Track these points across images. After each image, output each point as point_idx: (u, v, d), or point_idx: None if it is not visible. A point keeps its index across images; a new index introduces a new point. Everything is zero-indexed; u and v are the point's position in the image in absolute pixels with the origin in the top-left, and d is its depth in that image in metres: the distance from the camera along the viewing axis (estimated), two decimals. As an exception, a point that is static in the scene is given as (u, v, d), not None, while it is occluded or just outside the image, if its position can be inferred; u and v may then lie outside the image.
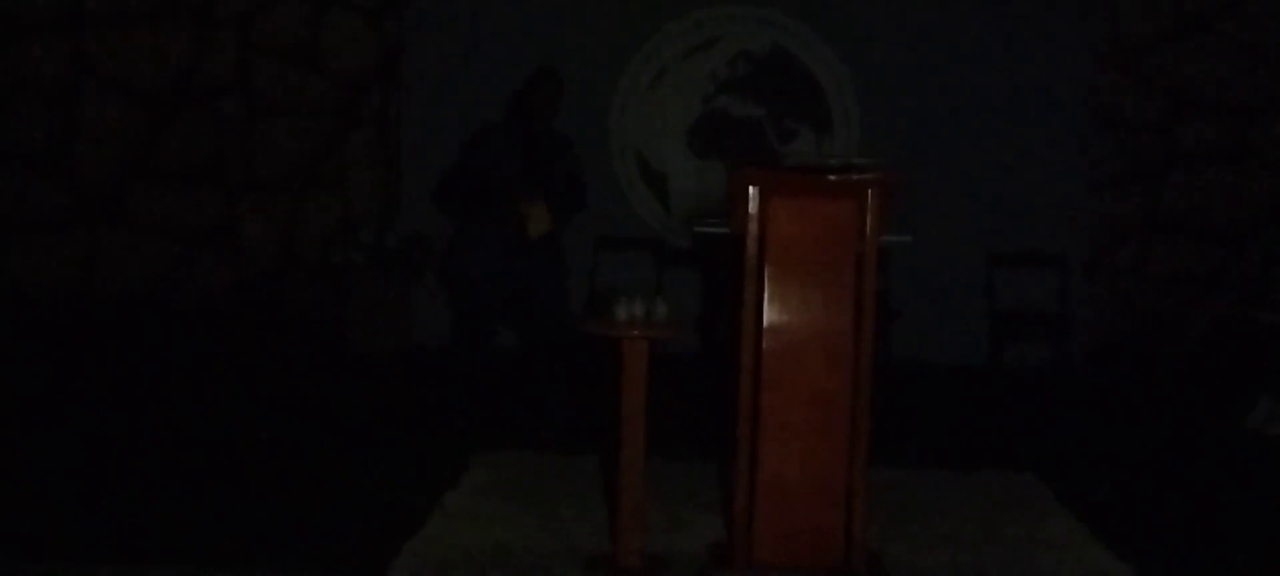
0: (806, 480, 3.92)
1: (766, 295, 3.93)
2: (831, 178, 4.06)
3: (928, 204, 7.18)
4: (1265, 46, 7.98)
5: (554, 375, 5.83)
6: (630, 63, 7.99)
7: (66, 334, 7.82)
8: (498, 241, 5.65)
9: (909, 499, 4.89)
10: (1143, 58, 8.06)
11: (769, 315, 3.93)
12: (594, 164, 7.79)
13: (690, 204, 7.88)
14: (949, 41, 7.88)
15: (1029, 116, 7.86)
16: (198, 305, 8.25)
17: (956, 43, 7.88)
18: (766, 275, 3.93)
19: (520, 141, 5.70)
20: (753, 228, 3.93)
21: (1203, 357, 7.83)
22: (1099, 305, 8.11)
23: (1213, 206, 8.07)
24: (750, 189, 3.94)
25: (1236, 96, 8.01)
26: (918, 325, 7.59)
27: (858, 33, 7.93)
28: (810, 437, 3.92)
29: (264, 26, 8.21)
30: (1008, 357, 7.64)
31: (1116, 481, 5.34)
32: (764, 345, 3.92)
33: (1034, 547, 4.40)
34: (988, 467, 5.41)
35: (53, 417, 5.83)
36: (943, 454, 5.65)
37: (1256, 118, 8.01)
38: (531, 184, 5.64)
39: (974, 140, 7.86)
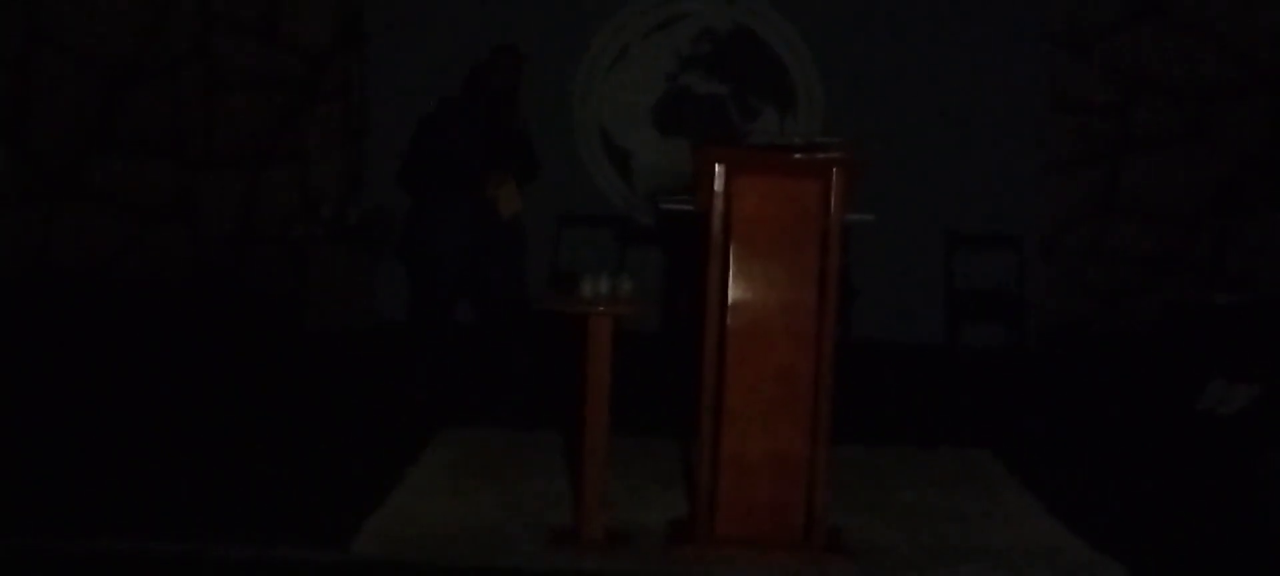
0: (768, 456, 3.95)
1: (731, 273, 3.95)
2: (797, 156, 4.09)
3: (888, 184, 7.23)
4: (1221, 30, 8.08)
5: (513, 348, 5.85)
6: (594, 39, 7.99)
7: (21, 307, 7.73)
8: (461, 217, 5.65)
9: (868, 475, 4.95)
10: (1100, 40, 8.14)
11: (733, 292, 3.95)
12: (557, 140, 7.82)
13: (653, 181, 7.90)
14: (910, 23, 7.94)
15: (988, 99, 7.93)
16: (156, 279, 8.17)
17: (918, 25, 7.94)
18: (731, 253, 3.96)
19: (482, 119, 5.70)
20: (718, 205, 3.96)
21: (1156, 338, 7.94)
22: (1054, 286, 8.21)
23: (1168, 189, 8.18)
24: (716, 167, 3.96)
25: (1192, 80, 8.11)
26: (877, 304, 7.66)
27: (821, 13, 7.97)
28: (773, 414, 3.96)
29: (223, -2, 8.14)
30: (964, 337, 7.73)
31: (1070, 459, 5.43)
32: (728, 322, 3.95)
33: (990, 523, 4.47)
34: (945, 445, 5.48)
35: (6, 393, 5.77)
36: (901, 431, 5.72)
37: (1212, 101, 8.12)
38: (498, 163, 5.64)
39: (934, 121, 7.93)
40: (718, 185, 3.96)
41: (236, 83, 8.17)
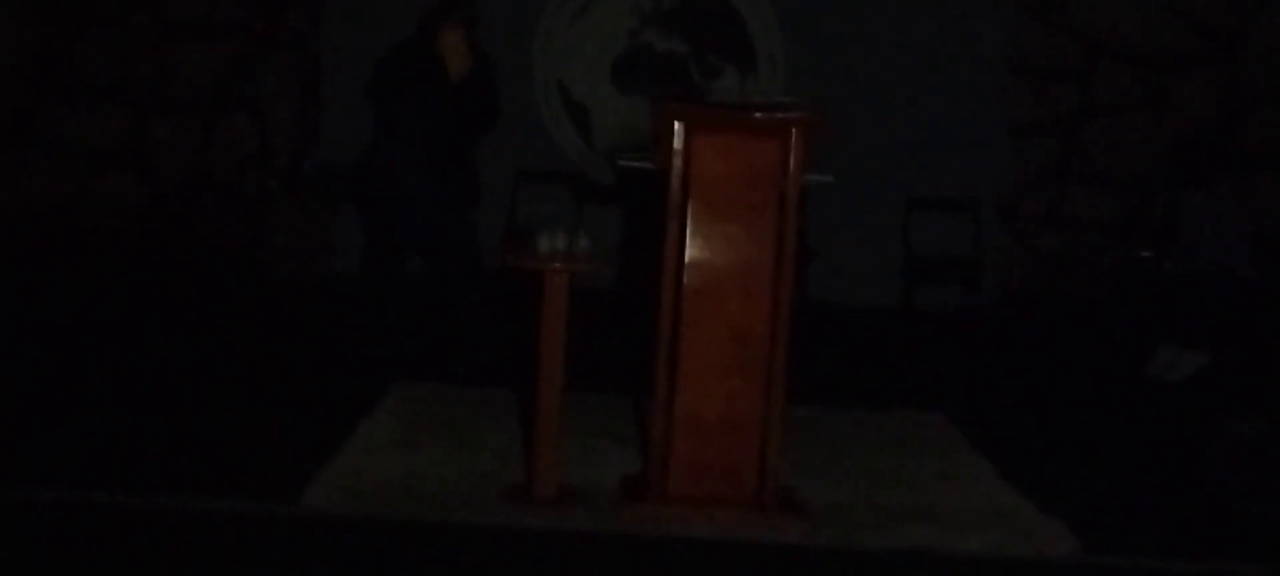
0: (723, 416, 3.95)
1: (689, 231, 3.94)
2: (757, 116, 4.07)
3: (848, 146, 7.23)
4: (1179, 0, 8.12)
5: (465, 303, 5.82)
6: (555, -8, 7.92)
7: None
8: (414, 161, 5.60)
9: (822, 436, 4.96)
10: (1061, 6, 8.16)
11: (690, 251, 3.94)
12: (516, 94, 7.73)
13: (612, 138, 7.86)
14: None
15: (949, 62, 7.94)
16: (107, 227, 8.05)
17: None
18: (689, 211, 3.93)
19: (435, 70, 5.64)
20: (677, 163, 3.93)
21: (1108, 305, 8.01)
22: (1011, 251, 8.25)
23: (1126, 156, 8.23)
24: (676, 124, 3.93)
25: (1152, 47, 8.15)
26: (833, 265, 7.67)
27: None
28: (728, 374, 3.95)
29: (179, -58, 7.99)
30: (920, 300, 7.76)
31: (1021, 422, 5.47)
32: (685, 281, 3.94)
33: (942, 484, 4.50)
34: (899, 407, 5.50)
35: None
36: (855, 393, 5.74)
37: (1171, 69, 8.17)
38: (451, 113, 5.60)
39: (895, 84, 7.93)
40: (677, 143, 3.93)
41: (190, 29, 8.02)
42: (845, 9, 7.90)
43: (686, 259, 3.94)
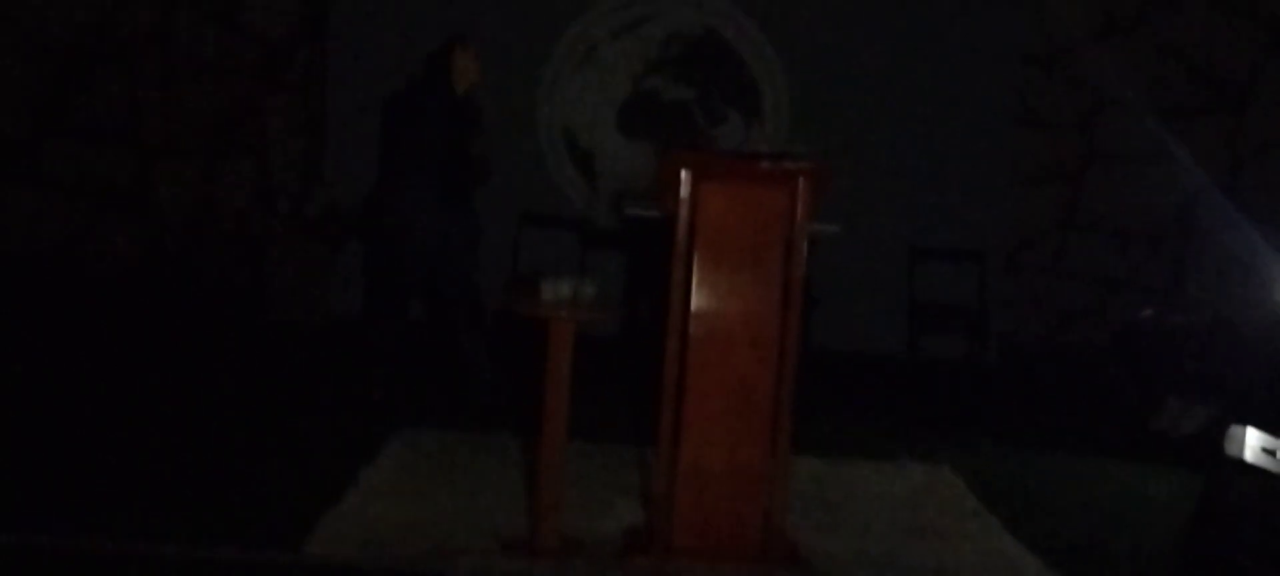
0: (727, 467, 3.91)
1: (694, 280, 3.91)
2: (764, 165, 4.05)
3: (852, 195, 7.21)
4: (1186, 50, 8.13)
5: (467, 348, 5.79)
6: (561, 38, 7.92)
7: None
8: (427, 196, 5.60)
9: (826, 488, 4.92)
10: (1066, 57, 8.17)
11: (696, 300, 3.91)
12: (521, 140, 7.75)
13: (617, 184, 7.84)
14: (880, 34, 7.93)
15: (955, 111, 7.93)
16: (110, 268, 8.03)
17: (887, 36, 7.93)
18: (695, 260, 3.91)
19: (445, 110, 5.66)
20: (683, 212, 3.91)
21: (1113, 357, 7.97)
22: (1015, 301, 8.23)
23: (1129, 207, 8.22)
24: (682, 173, 3.92)
25: (1156, 98, 8.16)
26: (838, 315, 7.63)
27: (790, 19, 7.94)
28: (733, 425, 3.92)
29: (186, -17, 8.02)
30: (925, 349, 7.72)
31: (1027, 474, 5.42)
32: (690, 330, 3.91)
33: (948, 538, 4.45)
34: (904, 458, 5.46)
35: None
36: (860, 443, 5.69)
37: (1175, 120, 8.16)
38: (460, 154, 5.62)
39: (900, 133, 7.92)
40: (684, 191, 3.92)
41: (196, 69, 8.04)
42: (851, 56, 7.91)
43: (692, 308, 3.91)
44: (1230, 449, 4.51)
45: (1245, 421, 5.06)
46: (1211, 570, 4.35)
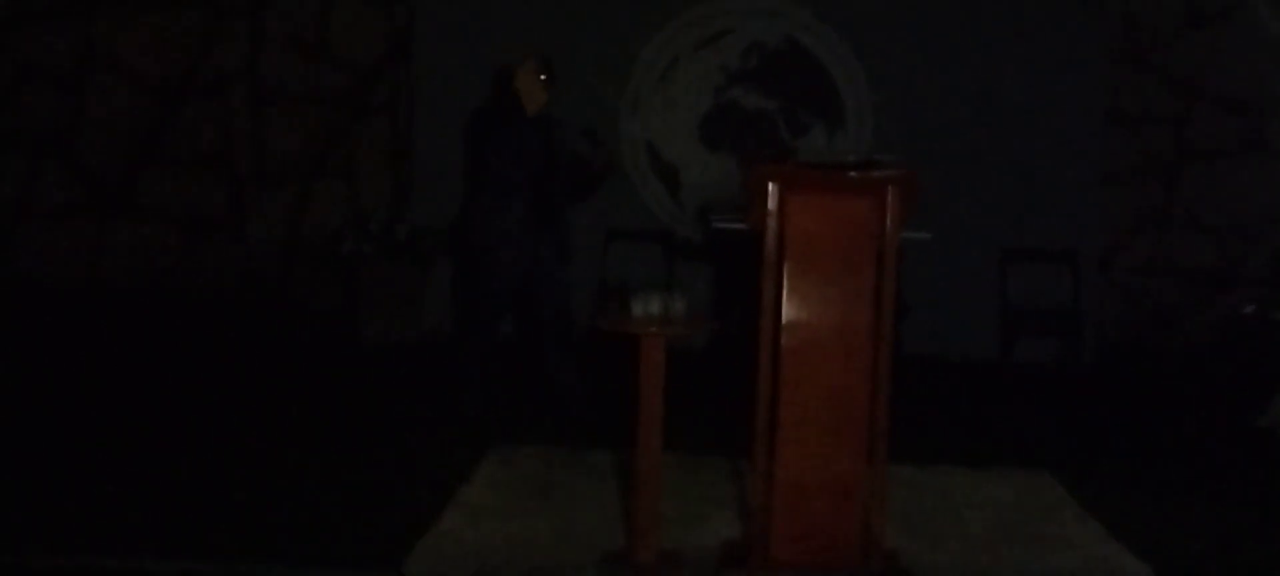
0: (824, 479, 3.89)
1: (785, 292, 3.90)
2: (852, 175, 4.03)
3: (940, 200, 7.13)
4: (1277, 41, 7.93)
5: (562, 364, 5.82)
6: (642, 53, 7.95)
7: (73, 323, 7.79)
8: (521, 212, 5.65)
9: (924, 496, 4.87)
10: (1155, 52, 8.02)
11: (788, 312, 3.90)
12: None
13: (701, 196, 7.84)
14: (962, 36, 7.84)
15: (1042, 112, 7.81)
16: (205, 295, 8.21)
17: (969, 37, 7.83)
18: (785, 272, 3.90)
19: (524, 129, 5.71)
20: (772, 224, 3.91)
21: (1214, 355, 7.79)
22: (1110, 301, 8.08)
23: (1225, 202, 8.04)
24: (769, 186, 3.91)
25: (1249, 91, 7.97)
26: (929, 321, 7.55)
27: (871, 26, 7.88)
28: (828, 436, 3.90)
29: (273, 14, 8.18)
30: (1019, 353, 7.61)
31: (1129, 479, 5.31)
32: (782, 342, 3.90)
33: (1050, 545, 4.38)
34: (1002, 465, 5.38)
35: (60, 409, 5.80)
36: (956, 451, 5.62)
37: (1269, 112, 7.97)
38: (547, 172, 5.68)
39: (986, 136, 7.82)
40: (771, 204, 3.91)
41: (286, 99, 8.21)
42: (933, 61, 7.83)
43: (784, 320, 3.90)
44: None
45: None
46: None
